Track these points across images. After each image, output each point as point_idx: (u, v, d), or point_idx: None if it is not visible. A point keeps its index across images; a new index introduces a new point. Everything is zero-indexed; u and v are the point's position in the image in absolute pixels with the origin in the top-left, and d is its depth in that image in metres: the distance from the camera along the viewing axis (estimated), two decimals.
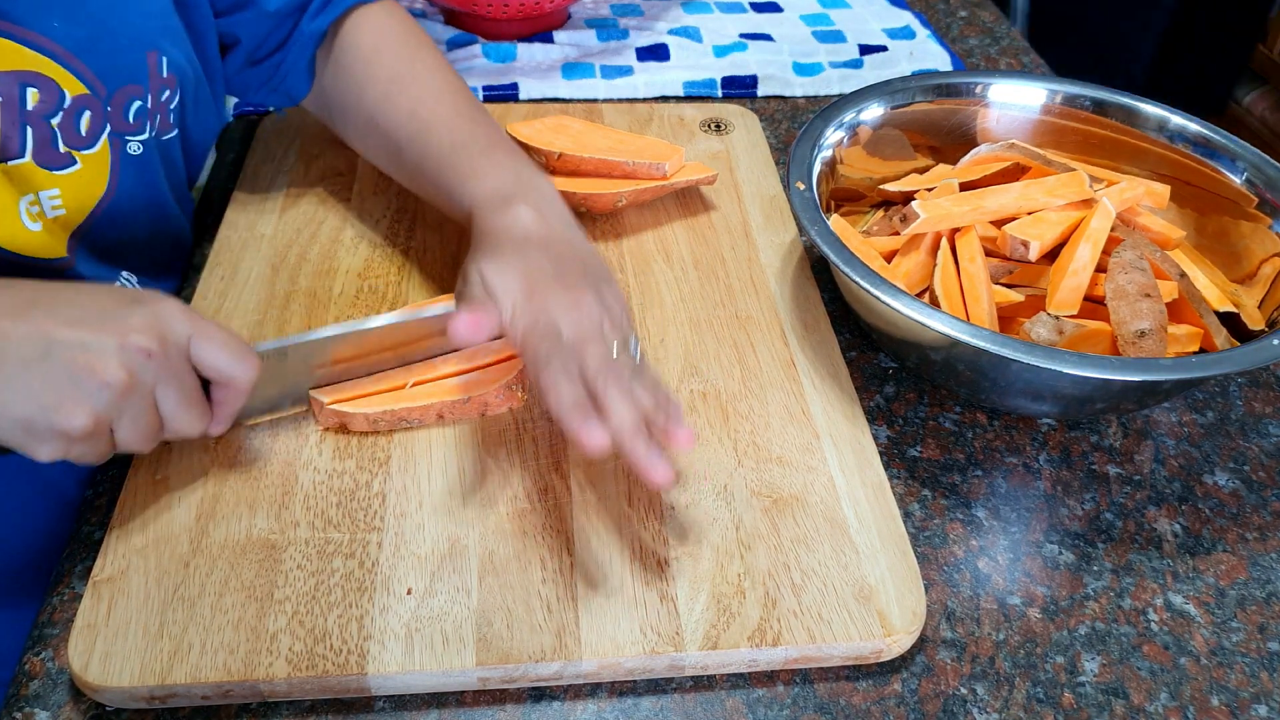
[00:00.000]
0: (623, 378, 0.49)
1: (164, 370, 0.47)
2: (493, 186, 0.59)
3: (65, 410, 0.44)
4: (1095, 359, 0.53)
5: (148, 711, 0.48)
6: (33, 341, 0.44)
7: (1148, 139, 0.72)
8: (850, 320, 0.70)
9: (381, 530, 0.53)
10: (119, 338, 0.45)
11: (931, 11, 1.11)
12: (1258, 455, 0.63)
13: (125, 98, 0.58)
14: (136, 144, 0.60)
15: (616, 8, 1.06)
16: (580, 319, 0.51)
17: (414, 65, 0.68)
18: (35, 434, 0.45)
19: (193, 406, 0.49)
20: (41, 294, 0.47)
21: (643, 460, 0.47)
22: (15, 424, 0.45)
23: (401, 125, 0.66)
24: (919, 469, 0.60)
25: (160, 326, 0.47)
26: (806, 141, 0.68)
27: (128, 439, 0.48)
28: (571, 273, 0.54)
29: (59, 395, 0.44)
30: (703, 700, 0.49)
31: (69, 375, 0.44)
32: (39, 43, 0.54)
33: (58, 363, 0.44)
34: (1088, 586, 0.55)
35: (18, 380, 0.44)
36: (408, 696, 0.48)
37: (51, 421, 0.44)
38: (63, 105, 0.56)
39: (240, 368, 0.49)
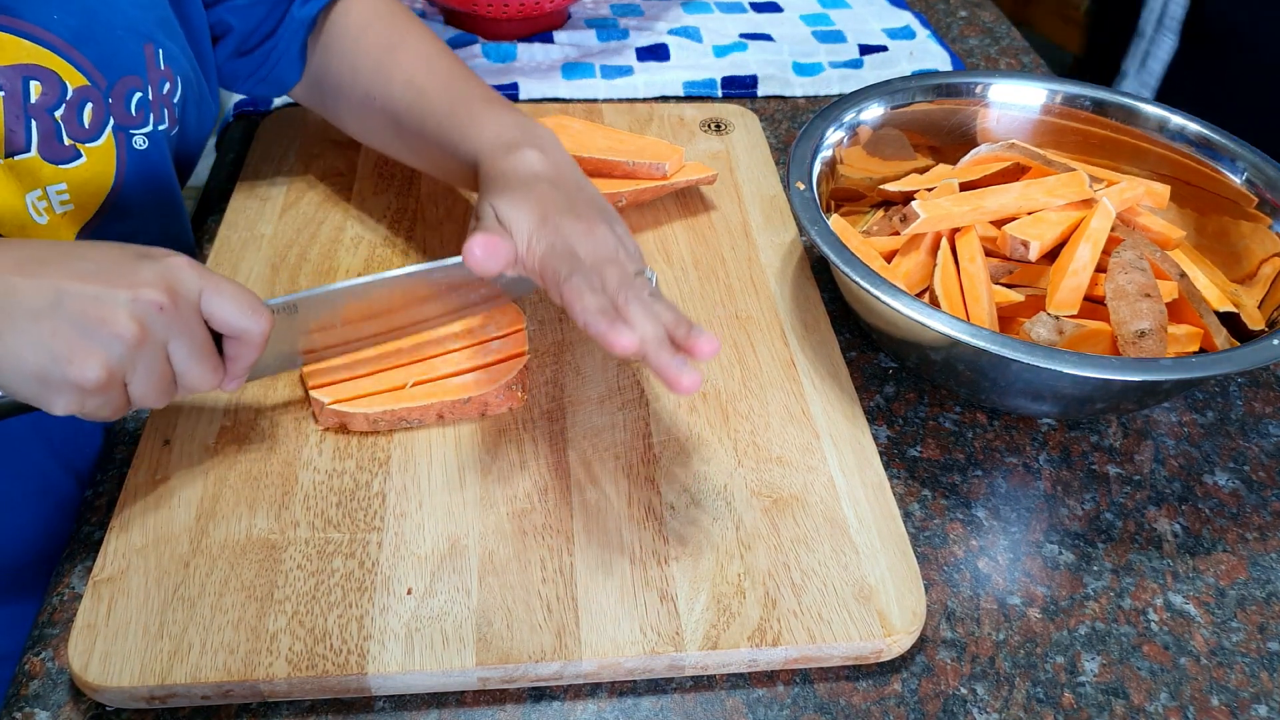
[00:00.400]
0: (643, 294, 0.50)
1: (175, 323, 0.46)
2: (496, 133, 0.60)
3: (78, 361, 0.44)
4: (1095, 359, 0.53)
5: (148, 711, 0.48)
6: (43, 294, 0.44)
7: (1148, 139, 0.72)
8: (850, 320, 0.70)
9: (381, 530, 0.53)
10: (130, 290, 0.45)
11: (931, 11, 1.11)
12: (1258, 455, 0.63)
13: (125, 89, 0.59)
14: (141, 137, 0.61)
15: (616, 8, 1.06)
16: (596, 244, 0.52)
17: (404, 36, 0.68)
18: (49, 385, 0.45)
19: (205, 360, 0.48)
20: (51, 251, 0.47)
21: (669, 368, 0.47)
22: (29, 376, 0.45)
23: (397, 95, 0.66)
24: (919, 469, 0.60)
25: (171, 280, 0.46)
26: (806, 141, 0.68)
27: (141, 393, 0.47)
28: (583, 204, 0.55)
29: (70, 347, 0.44)
30: (703, 700, 0.49)
31: (80, 327, 0.44)
32: (39, 35, 0.54)
33: (69, 314, 0.44)
34: (1088, 586, 0.55)
35: (29, 332, 0.44)
36: (408, 696, 0.48)
37: (64, 373, 0.44)
38: (64, 97, 0.56)
39: (252, 321, 0.49)
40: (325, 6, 0.69)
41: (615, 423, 0.59)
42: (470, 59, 0.94)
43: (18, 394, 0.46)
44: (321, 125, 0.82)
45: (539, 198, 0.54)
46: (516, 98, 0.90)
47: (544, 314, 0.66)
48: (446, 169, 0.66)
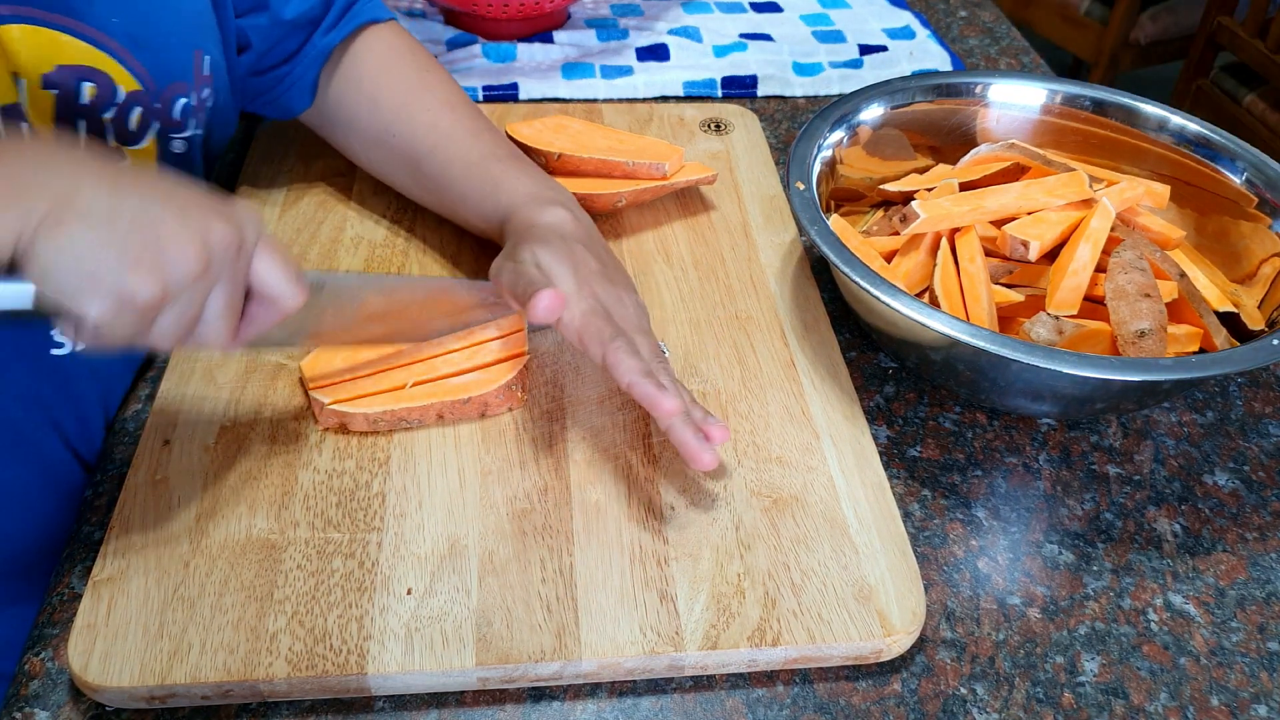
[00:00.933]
0: (670, 370, 0.55)
1: (231, 270, 0.46)
2: (529, 190, 0.64)
3: (141, 272, 0.42)
4: (1095, 359, 0.53)
5: (148, 711, 0.48)
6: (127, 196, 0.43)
7: (1148, 139, 0.72)
8: (850, 320, 0.70)
9: (381, 530, 0.53)
10: (208, 224, 0.44)
11: (931, 11, 1.11)
12: (1258, 455, 0.63)
13: (173, 94, 0.59)
14: (180, 141, 0.61)
15: (616, 8, 1.06)
16: (626, 314, 0.57)
17: (427, 78, 0.71)
18: (97, 286, 0.42)
19: (232, 316, 0.47)
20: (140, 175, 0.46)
21: (693, 443, 0.52)
22: (81, 271, 0.42)
23: (421, 138, 0.68)
24: (919, 469, 0.60)
25: (241, 226, 0.46)
26: (806, 141, 0.68)
27: (165, 328, 0.45)
28: (614, 271, 0.60)
29: (138, 255, 0.42)
30: (703, 700, 0.49)
31: (154, 240, 0.42)
32: (97, 38, 0.55)
33: (148, 224, 0.43)
34: (1088, 586, 0.55)
35: (102, 228, 0.42)
36: (408, 696, 0.48)
37: (121, 279, 0.42)
38: (116, 100, 0.56)
39: (291, 290, 0.48)
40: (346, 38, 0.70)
41: (615, 423, 0.59)
42: (470, 59, 0.94)
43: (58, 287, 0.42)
44: None
45: (577, 259, 0.58)
46: (516, 98, 0.90)
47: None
48: (460, 213, 0.69)
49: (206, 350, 0.49)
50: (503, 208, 0.64)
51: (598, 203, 0.72)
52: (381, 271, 0.69)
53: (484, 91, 0.90)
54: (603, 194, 0.71)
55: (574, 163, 0.73)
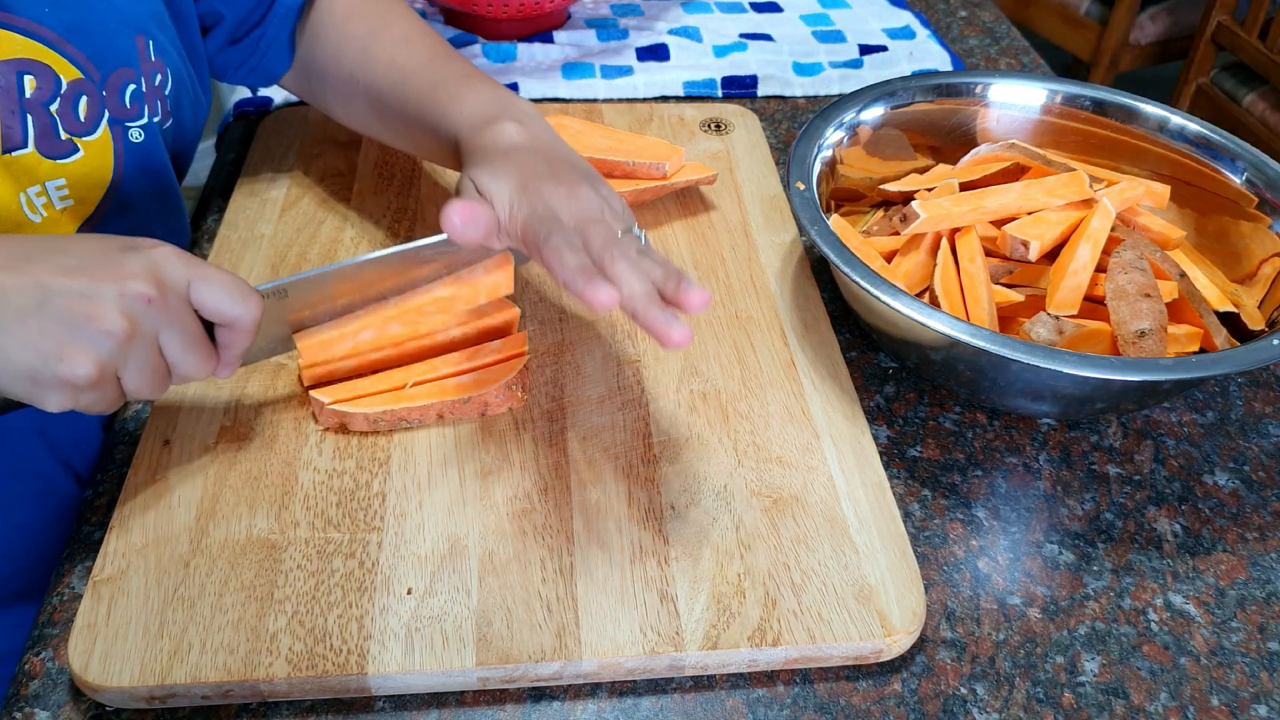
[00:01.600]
0: (629, 252, 0.48)
1: (165, 315, 0.46)
2: (475, 109, 0.60)
3: (68, 359, 0.44)
4: (1095, 359, 0.53)
5: (148, 711, 0.48)
6: (29, 292, 0.44)
7: (1148, 139, 0.72)
8: (850, 320, 0.70)
9: (381, 530, 0.53)
10: (117, 284, 0.44)
11: (931, 11, 1.11)
12: (1258, 455, 0.63)
13: (120, 81, 0.59)
14: (137, 130, 0.61)
15: (616, 8, 1.06)
16: (579, 207, 0.51)
17: (386, 19, 0.69)
18: (41, 384, 0.44)
19: (197, 349, 0.48)
20: (33, 245, 0.46)
21: (659, 323, 0.45)
22: (20, 375, 0.44)
23: (381, 76, 0.67)
24: (919, 469, 0.60)
25: (157, 271, 0.46)
26: (806, 141, 0.68)
27: (135, 385, 0.47)
28: (564, 168, 0.55)
29: (60, 344, 0.43)
30: (703, 700, 0.49)
31: (68, 324, 0.44)
32: (32, 29, 0.54)
33: (56, 312, 0.44)
34: (1088, 586, 0.55)
35: (17, 332, 0.43)
36: (408, 696, 0.48)
37: (55, 371, 0.44)
38: (59, 91, 0.56)
39: (242, 308, 0.49)
40: None
41: (615, 423, 0.59)
42: (470, 59, 0.94)
43: (10, 393, 0.45)
44: (321, 125, 0.82)
45: (518, 166, 0.54)
46: None
47: (544, 314, 0.66)
48: (428, 148, 0.66)
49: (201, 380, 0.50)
50: (453, 137, 0.61)
51: None
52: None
53: None
54: None
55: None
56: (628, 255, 0.48)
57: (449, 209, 0.49)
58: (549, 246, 0.48)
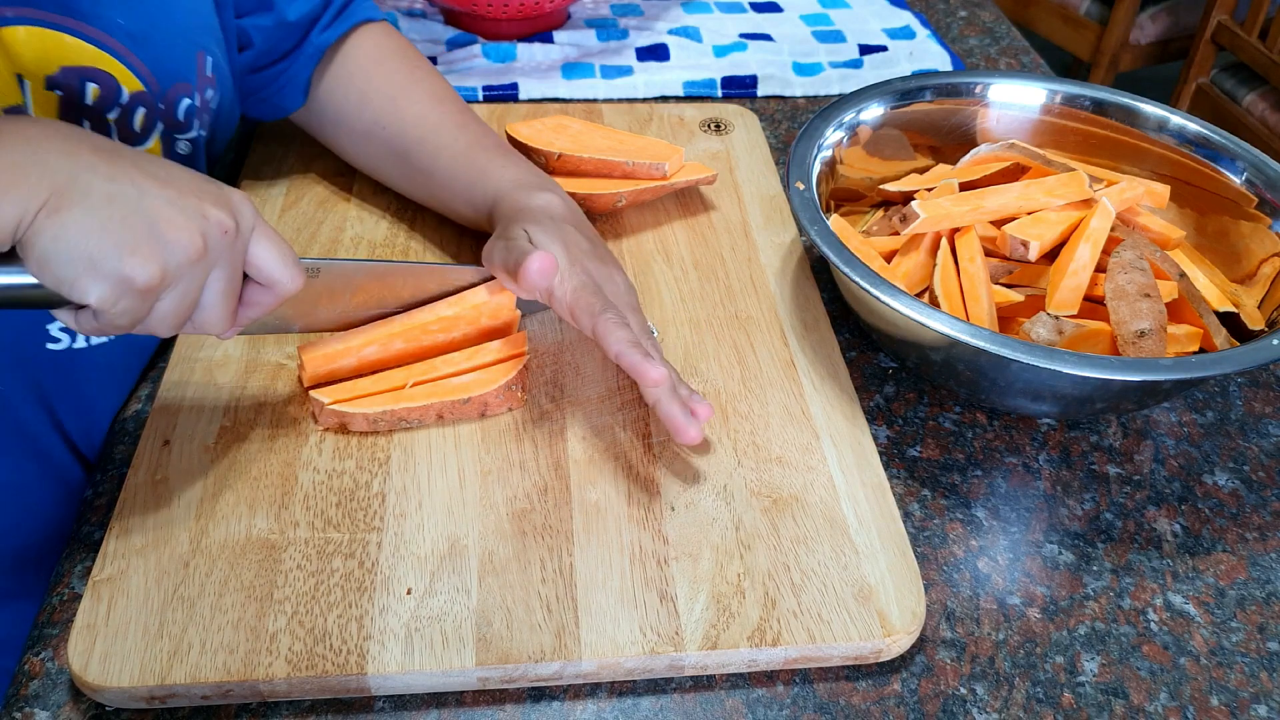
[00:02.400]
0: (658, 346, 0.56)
1: (228, 253, 0.46)
2: (517, 176, 0.65)
3: (140, 256, 0.43)
4: (1095, 359, 0.53)
5: (148, 711, 0.48)
6: (123, 182, 0.43)
7: (1148, 139, 0.72)
8: (850, 320, 0.70)
9: (381, 530, 0.53)
10: (206, 206, 0.45)
11: (931, 11, 1.11)
12: (1258, 455, 0.63)
13: (176, 95, 0.59)
14: (185, 143, 0.61)
15: (616, 8, 1.06)
16: (617, 291, 0.59)
17: (415, 74, 0.72)
18: (97, 271, 0.43)
19: (230, 301, 0.48)
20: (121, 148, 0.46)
21: (679, 417, 0.53)
22: (80, 256, 0.42)
23: (409, 129, 0.70)
24: (919, 469, 0.60)
25: (236, 210, 0.46)
26: (806, 141, 0.68)
27: (164, 313, 0.46)
28: (603, 252, 0.62)
29: (137, 239, 0.43)
30: (703, 700, 0.49)
31: (151, 224, 0.43)
32: (101, 39, 0.55)
33: (144, 209, 0.43)
34: (1087, 586, 0.55)
35: (100, 212, 0.42)
36: (408, 696, 0.48)
37: (120, 263, 0.42)
38: (120, 101, 0.56)
39: (288, 275, 0.49)
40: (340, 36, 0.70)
41: (615, 423, 0.59)
42: (470, 59, 0.94)
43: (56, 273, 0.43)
44: None
45: (567, 238, 0.59)
46: (516, 98, 0.90)
47: (544, 314, 0.66)
48: (449, 202, 0.70)
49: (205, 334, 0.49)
50: (491, 194, 0.64)
51: (598, 203, 0.72)
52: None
53: (484, 91, 0.90)
54: (603, 194, 0.71)
55: (574, 163, 0.73)
56: (659, 350, 0.56)
57: (530, 259, 0.54)
58: (605, 318, 0.54)
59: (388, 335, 0.59)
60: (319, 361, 0.58)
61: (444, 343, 0.61)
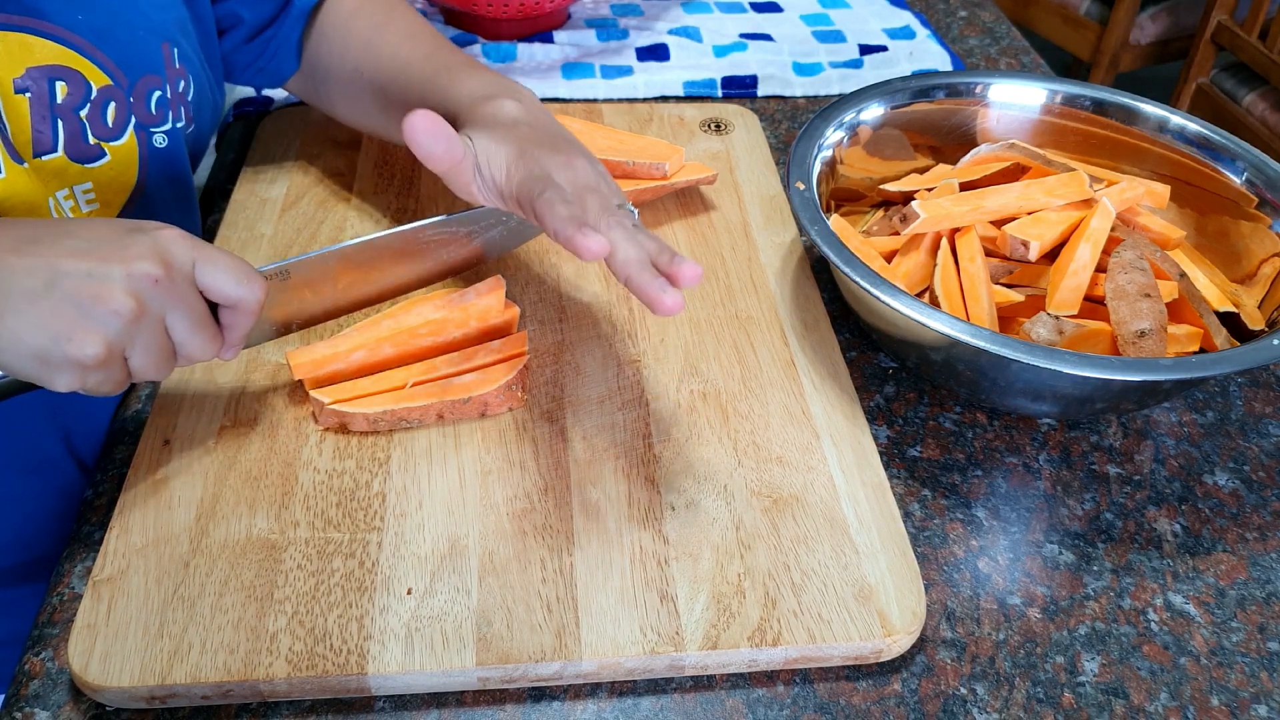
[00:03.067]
0: (624, 221, 0.49)
1: (171, 296, 0.46)
2: (474, 88, 0.61)
3: (77, 339, 0.44)
4: (1095, 359, 0.53)
5: (148, 711, 0.48)
6: (38, 274, 0.44)
7: (1148, 139, 0.72)
8: (850, 320, 0.70)
9: (381, 530, 0.53)
10: (124, 265, 0.45)
11: (931, 11, 1.11)
12: (1258, 455, 0.63)
13: (146, 88, 0.60)
14: (161, 136, 0.62)
15: (616, 8, 1.06)
16: (575, 175, 0.52)
17: (391, 14, 0.71)
18: (50, 364, 0.45)
19: (203, 330, 0.48)
20: (42, 229, 0.47)
21: (651, 287, 0.46)
22: (29, 356, 0.44)
23: (385, 67, 0.68)
24: (919, 469, 0.60)
25: (164, 252, 0.46)
26: (806, 141, 0.68)
27: (142, 366, 0.47)
28: (562, 142, 0.55)
29: (69, 325, 0.44)
30: (703, 700, 0.49)
31: (77, 304, 0.44)
32: (64, 36, 0.55)
33: (65, 293, 0.44)
34: (1088, 586, 0.55)
35: (26, 313, 0.44)
36: (408, 696, 0.48)
37: (64, 351, 0.44)
38: (89, 97, 0.57)
39: (246, 290, 0.49)
40: None
41: (615, 423, 0.59)
42: None
43: (19, 373, 0.46)
44: (322, 125, 0.82)
45: (517, 135, 0.54)
46: None
47: (544, 314, 0.66)
48: None
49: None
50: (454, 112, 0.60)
51: None
52: None
53: None
54: None
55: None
56: (622, 224, 0.48)
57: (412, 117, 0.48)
58: (542, 199, 0.48)
59: (376, 340, 0.59)
60: (307, 367, 0.58)
61: (435, 345, 0.61)
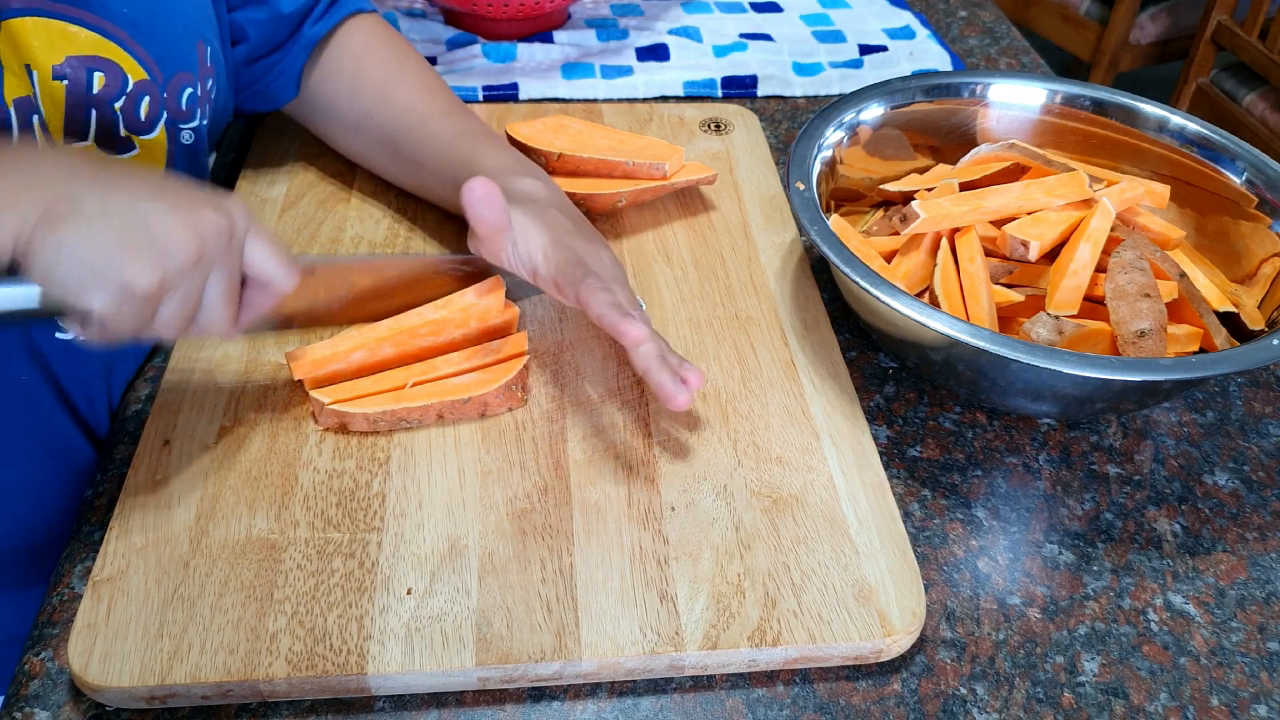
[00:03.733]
0: (647, 318, 0.56)
1: (225, 255, 0.47)
2: (501, 162, 0.66)
3: (138, 263, 0.44)
4: (1095, 359, 0.53)
5: (148, 711, 0.48)
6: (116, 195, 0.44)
7: (1148, 139, 0.72)
8: (850, 320, 0.70)
9: (381, 530, 0.53)
10: (201, 212, 0.46)
11: (931, 11, 1.11)
12: (1258, 455, 0.63)
13: (179, 84, 0.60)
14: (189, 132, 0.62)
15: (616, 8, 1.06)
16: (603, 266, 0.59)
17: (404, 64, 0.73)
18: (99, 280, 0.44)
19: (231, 302, 0.49)
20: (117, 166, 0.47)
21: (670, 385, 0.53)
22: (84, 267, 0.43)
23: (398, 119, 0.70)
24: (919, 469, 0.60)
25: (232, 215, 0.47)
26: (806, 141, 0.68)
27: (167, 317, 0.47)
28: (588, 231, 0.62)
29: (135, 248, 0.44)
30: (703, 700, 0.49)
31: (149, 233, 0.44)
32: (106, 28, 0.56)
33: (140, 218, 0.44)
34: (1088, 586, 0.55)
35: (98, 226, 0.43)
36: (408, 696, 0.48)
37: (121, 271, 0.44)
38: (125, 90, 0.57)
39: (284, 273, 0.50)
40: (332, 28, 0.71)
41: (615, 423, 0.59)
42: (470, 59, 0.94)
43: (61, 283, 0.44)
44: None
45: (551, 220, 0.59)
46: (516, 98, 0.90)
47: (544, 314, 0.66)
48: (437, 190, 0.70)
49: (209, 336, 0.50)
50: None
51: (598, 203, 0.72)
52: None
53: (484, 91, 0.90)
54: (603, 194, 0.71)
55: (574, 163, 0.73)
56: (646, 319, 0.56)
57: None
58: (587, 284, 0.54)
59: (375, 340, 0.59)
60: (307, 367, 0.58)
61: (435, 345, 0.61)
